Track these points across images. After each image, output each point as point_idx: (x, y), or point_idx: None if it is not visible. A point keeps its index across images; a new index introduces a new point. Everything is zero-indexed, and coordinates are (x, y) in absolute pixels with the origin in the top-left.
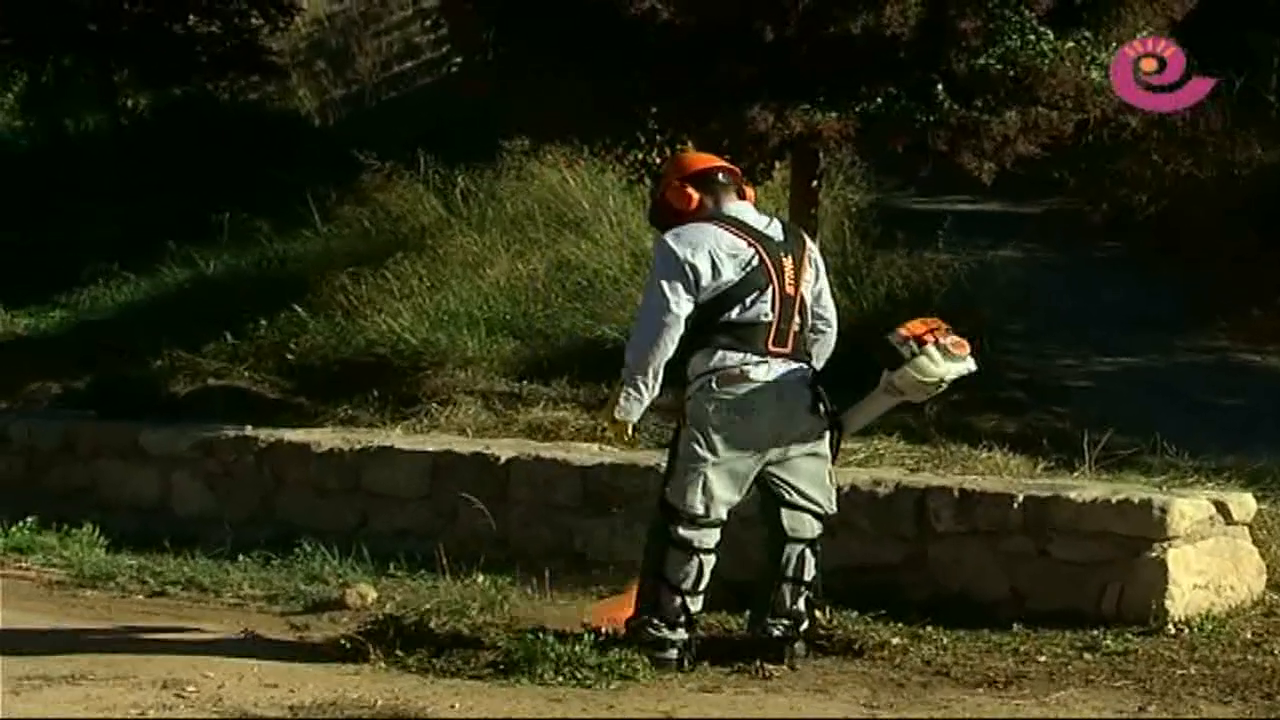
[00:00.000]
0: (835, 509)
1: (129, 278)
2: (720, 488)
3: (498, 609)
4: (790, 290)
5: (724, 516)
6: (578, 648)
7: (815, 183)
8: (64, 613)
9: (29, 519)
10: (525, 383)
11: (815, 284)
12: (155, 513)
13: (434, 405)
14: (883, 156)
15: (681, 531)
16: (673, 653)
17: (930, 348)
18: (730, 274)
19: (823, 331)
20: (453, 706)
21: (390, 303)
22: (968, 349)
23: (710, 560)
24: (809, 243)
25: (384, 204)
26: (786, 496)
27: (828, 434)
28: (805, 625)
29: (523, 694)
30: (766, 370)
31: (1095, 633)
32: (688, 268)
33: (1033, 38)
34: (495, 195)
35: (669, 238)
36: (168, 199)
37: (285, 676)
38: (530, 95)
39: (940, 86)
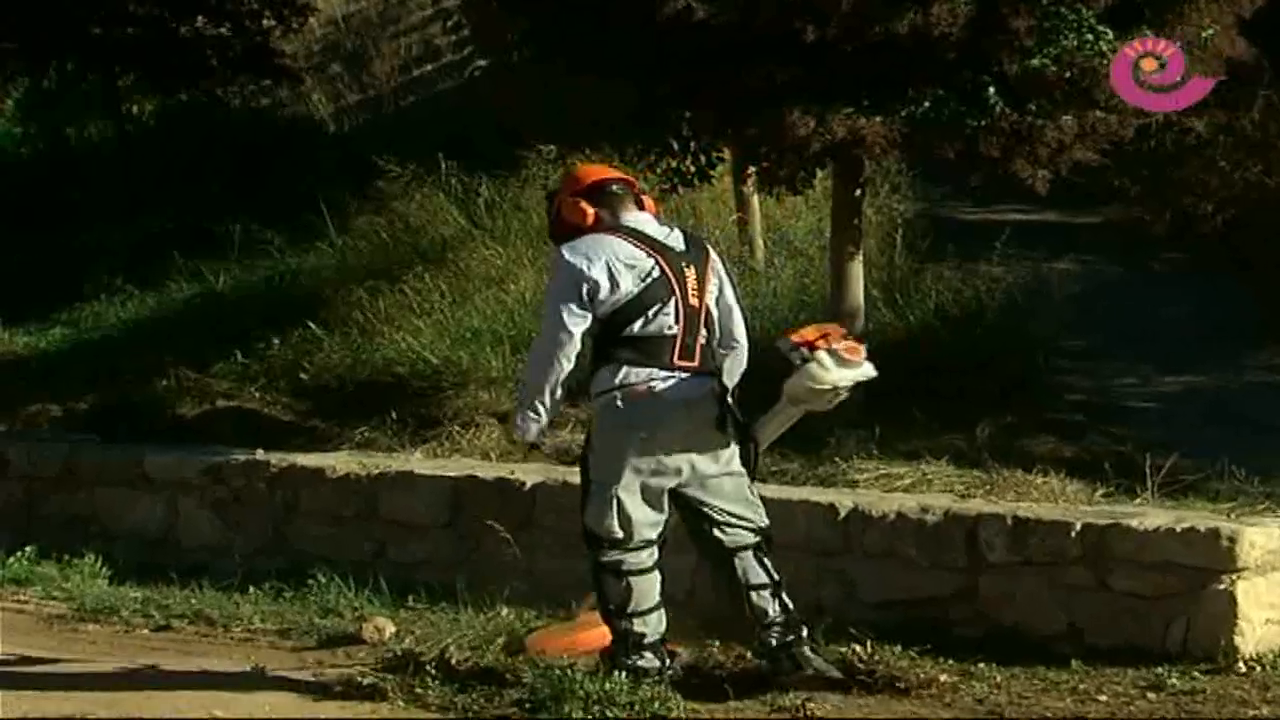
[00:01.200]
0: (766, 521)
1: (134, 293)
2: (635, 508)
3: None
4: (694, 301)
5: (651, 537)
6: (608, 685)
7: (858, 191)
8: (64, 648)
9: (28, 549)
10: None
11: (720, 295)
12: (161, 542)
13: (455, 428)
14: (930, 164)
15: (606, 556)
16: (648, 681)
17: (821, 354)
18: (629, 285)
19: (732, 348)
20: None
21: (409, 319)
22: (862, 353)
23: (647, 580)
24: (712, 253)
25: (403, 215)
26: (715, 517)
27: (738, 449)
28: (799, 626)
29: None
30: (674, 383)
31: (1159, 670)
32: (584, 281)
33: (1090, 37)
34: (520, 205)
35: (565, 250)
36: (175, 210)
37: (299, 714)
38: (557, 100)
39: (991, 89)
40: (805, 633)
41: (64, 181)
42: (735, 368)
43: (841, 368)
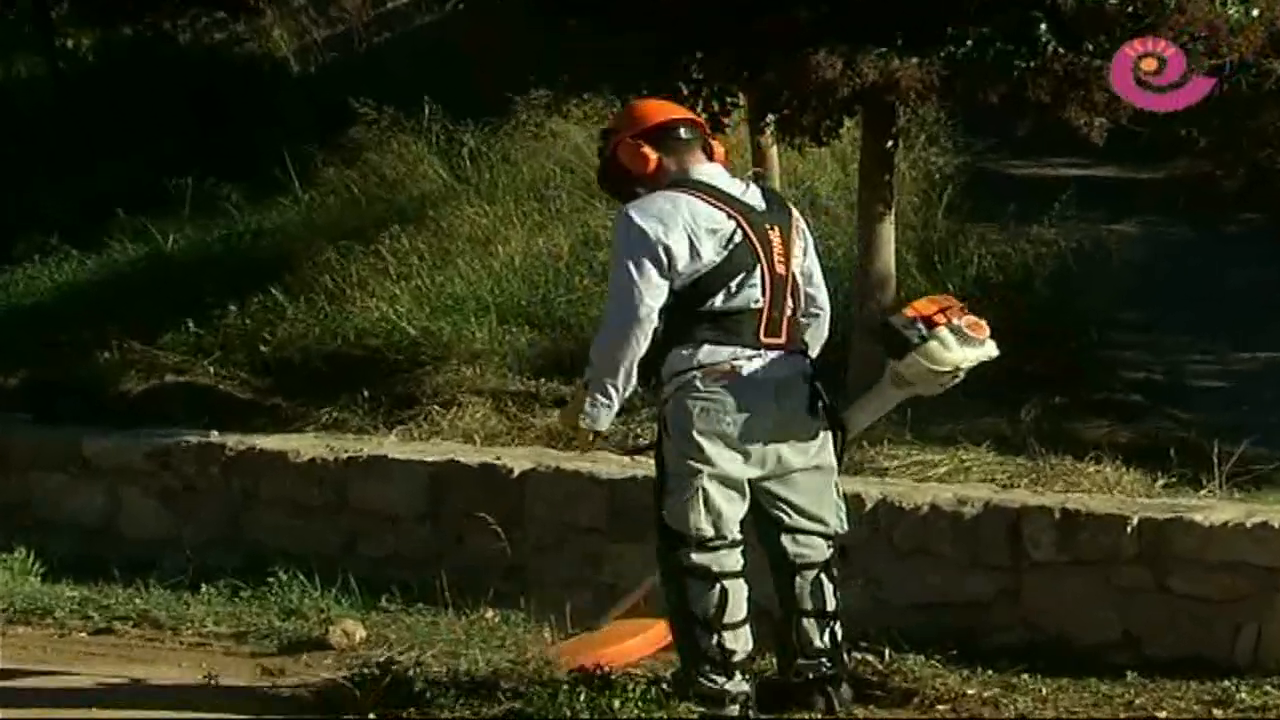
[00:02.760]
0: (846, 527)
1: (72, 254)
2: (724, 501)
3: (510, 650)
4: (780, 269)
5: (738, 535)
6: (609, 697)
7: (891, 143)
8: None
9: None
10: (543, 381)
11: (805, 260)
12: (101, 535)
13: (435, 407)
14: (973, 112)
15: (695, 557)
16: (734, 709)
17: (942, 330)
18: (711, 254)
19: (815, 315)
20: None
21: (384, 285)
22: (987, 331)
23: (739, 586)
24: (794, 211)
25: (377, 167)
26: (786, 520)
27: (830, 438)
28: (844, 664)
29: None
30: (761, 364)
31: (1227, 684)
32: (660, 249)
33: None
34: (509, 157)
35: (634, 213)
36: (118, 161)
37: None
38: (550, 43)
39: (1043, 26)
40: (845, 670)
41: None
42: (815, 339)
43: (965, 346)
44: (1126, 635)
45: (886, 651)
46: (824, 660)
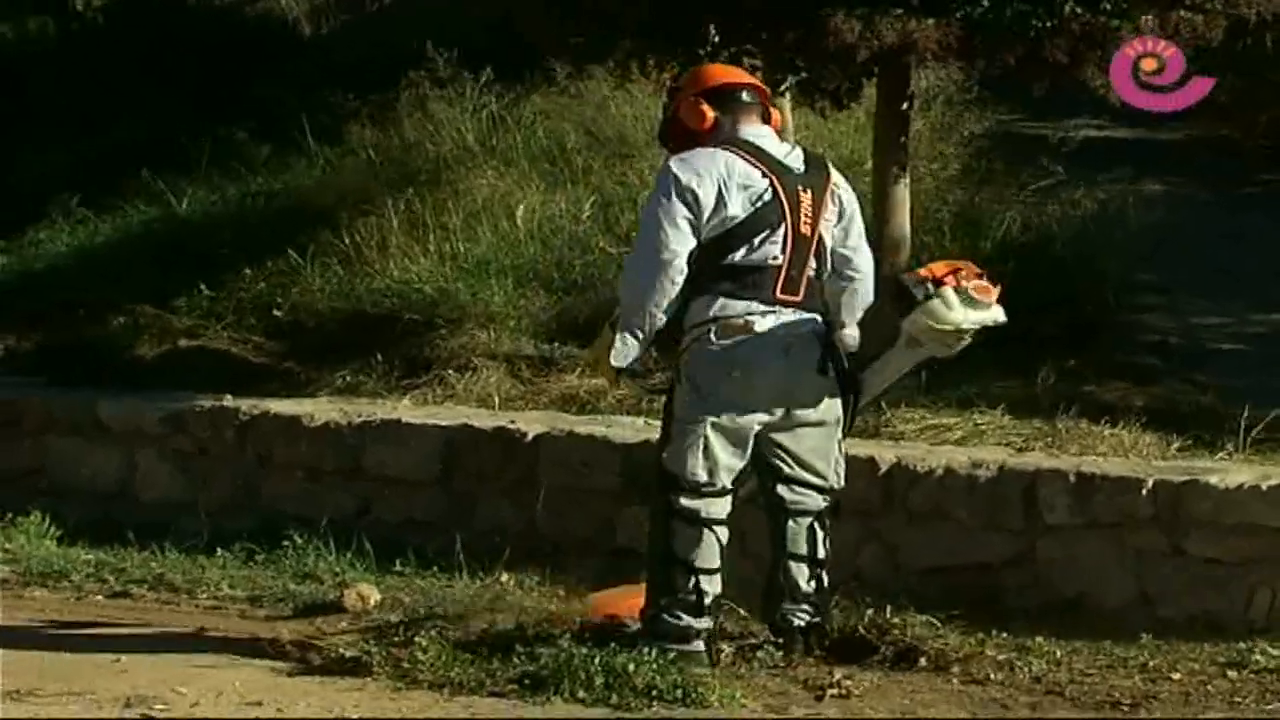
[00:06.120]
0: (842, 483)
1: (84, 216)
2: (722, 450)
3: (524, 613)
4: (806, 230)
5: (729, 485)
6: (623, 661)
7: (907, 105)
8: (7, 616)
9: None
10: (558, 345)
11: (840, 223)
12: (117, 498)
13: (450, 371)
14: (991, 74)
15: (685, 501)
16: (699, 644)
17: (947, 290)
18: (737, 209)
19: (851, 278)
20: None
21: (400, 248)
22: (994, 295)
23: (722, 533)
24: (834, 175)
25: (394, 129)
26: (785, 469)
27: (840, 399)
28: (828, 614)
29: (553, 713)
30: (774, 321)
31: (1241, 646)
32: (690, 196)
33: None
34: (528, 119)
35: (674, 163)
36: (130, 121)
37: (272, 693)
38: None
39: None
40: (829, 622)
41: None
42: (857, 302)
43: (968, 308)
44: (1141, 597)
45: (897, 614)
46: (808, 607)
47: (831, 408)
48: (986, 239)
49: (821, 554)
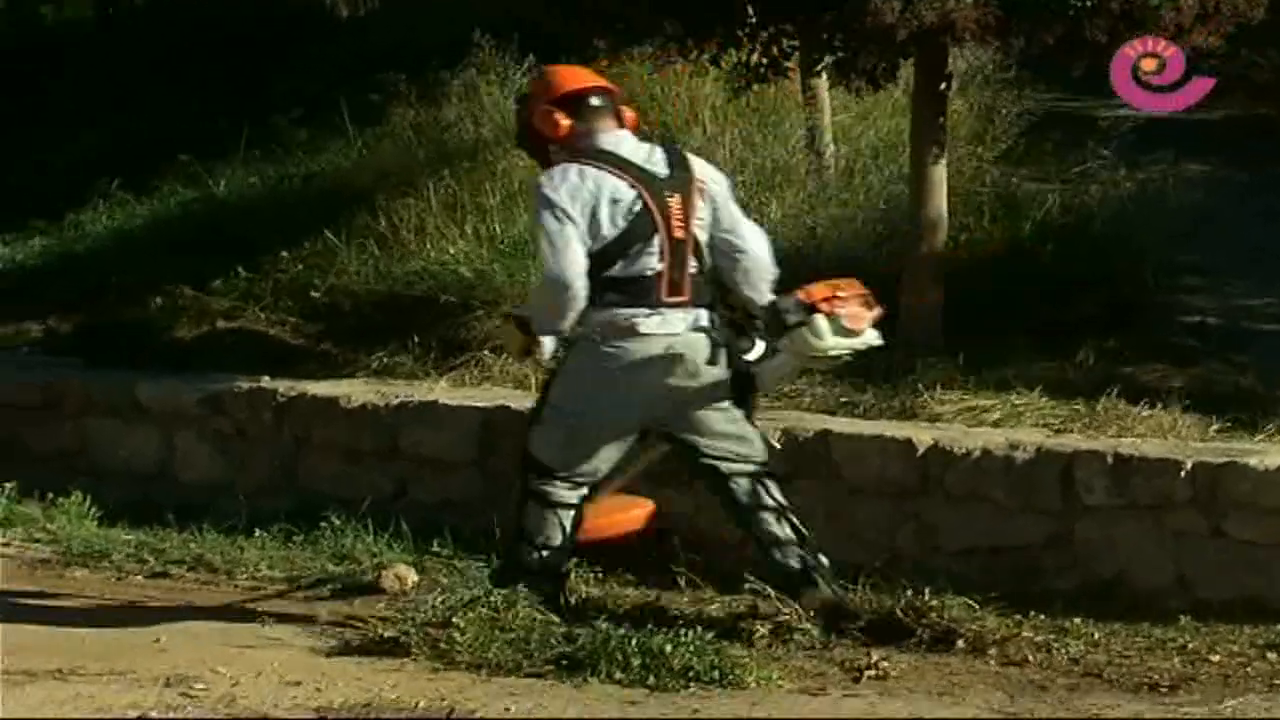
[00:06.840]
0: (765, 456)
1: (123, 199)
2: (584, 445)
3: (561, 595)
4: (679, 234)
5: (584, 478)
6: (660, 639)
7: (945, 85)
8: (50, 597)
9: (7, 486)
10: None
11: (711, 218)
12: (156, 480)
13: (486, 353)
14: (1030, 54)
15: (537, 484)
16: (548, 586)
17: (819, 319)
18: (609, 229)
19: (737, 257)
20: (507, 709)
21: (437, 229)
22: (867, 321)
23: (568, 516)
24: (697, 170)
25: (433, 110)
26: (703, 447)
27: (734, 385)
28: (819, 550)
29: (590, 695)
30: (659, 323)
31: None
32: (565, 216)
33: None
34: None
35: (545, 188)
36: (169, 104)
37: (310, 673)
38: None
39: None
40: (818, 554)
41: (41, 71)
42: (754, 276)
43: (838, 336)
44: (1180, 579)
45: (934, 596)
46: (795, 549)
47: (725, 390)
48: (1026, 219)
49: (776, 500)
